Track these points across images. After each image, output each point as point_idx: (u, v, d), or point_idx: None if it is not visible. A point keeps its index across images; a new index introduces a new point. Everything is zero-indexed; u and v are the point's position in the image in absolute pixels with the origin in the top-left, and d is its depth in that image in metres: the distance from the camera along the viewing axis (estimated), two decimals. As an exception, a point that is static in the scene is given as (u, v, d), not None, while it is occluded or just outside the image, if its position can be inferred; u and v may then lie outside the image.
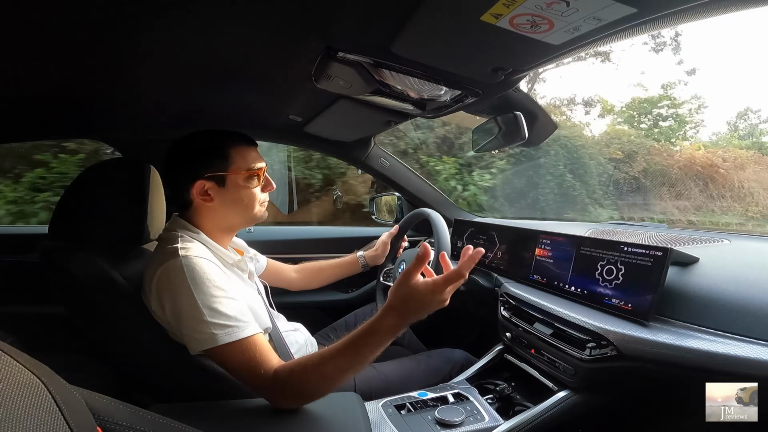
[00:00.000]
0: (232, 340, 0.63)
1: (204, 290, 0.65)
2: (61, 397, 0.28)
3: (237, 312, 0.66)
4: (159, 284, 0.67)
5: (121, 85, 0.82)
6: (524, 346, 0.86)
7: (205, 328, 0.63)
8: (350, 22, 0.56)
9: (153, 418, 0.38)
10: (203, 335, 0.63)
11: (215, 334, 0.63)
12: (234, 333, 0.64)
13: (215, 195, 0.75)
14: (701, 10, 0.45)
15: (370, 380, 0.90)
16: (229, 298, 0.66)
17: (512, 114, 0.90)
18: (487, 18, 0.49)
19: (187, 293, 0.64)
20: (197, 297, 0.64)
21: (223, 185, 0.75)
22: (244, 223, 0.82)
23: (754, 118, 8.36)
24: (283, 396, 0.63)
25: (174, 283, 0.65)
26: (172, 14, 0.54)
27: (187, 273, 0.65)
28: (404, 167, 1.46)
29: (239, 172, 0.76)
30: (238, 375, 0.64)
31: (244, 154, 0.77)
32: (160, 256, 0.70)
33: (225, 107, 1.03)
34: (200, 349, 0.64)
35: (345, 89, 0.78)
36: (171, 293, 0.65)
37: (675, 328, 0.63)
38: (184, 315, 0.64)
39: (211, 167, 0.74)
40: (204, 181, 0.74)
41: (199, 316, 0.63)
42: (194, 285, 0.64)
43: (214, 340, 0.63)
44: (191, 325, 0.64)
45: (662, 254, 0.65)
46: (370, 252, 1.22)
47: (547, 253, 0.89)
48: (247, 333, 0.65)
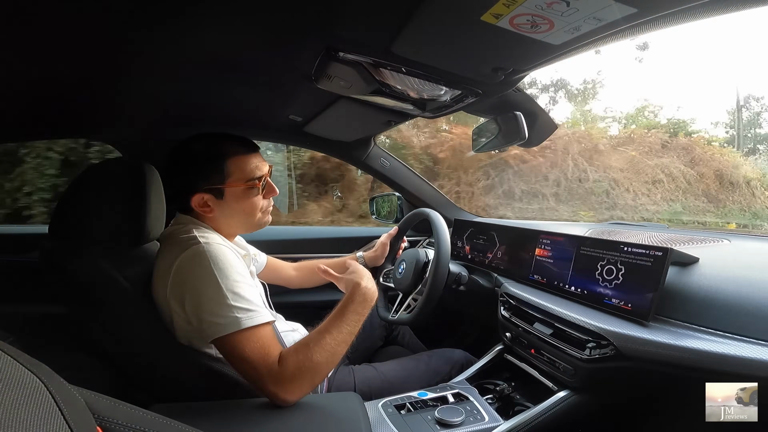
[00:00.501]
0: (254, 324, 0.64)
1: (228, 275, 0.65)
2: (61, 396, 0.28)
3: (256, 298, 0.67)
4: (179, 272, 0.67)
5: (121, 85, 0.82)
6: (524, 346, 0.86)
7: (228, 312, 0.63)
8: (350, 22, 0.56)
9: (153, 418, 0.38)
10: (227, 319, 0.63)
11: (239, 317, 0.63)
12: (256, 318, 0.64)
13: (214, 206, 0.75)
14: (701, 10, 0.45)
15: (370, 380, 0.90)
16: (249, 285, 0.68)
17: (512, 114, 0.90)
18: (488, 18, 0.49)
19: (211, 278, 0.64)
20: (221, 281, 0.64)
21: (221, 197, 0.75)
22: (246, 231, 0.83)
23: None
24: (290, 380, 0.63)
25: (196, 269, 0.66)
26: (172, 14, 0.54)
27: (210, 258, 0.66)
28: (404, 167, 1.46)
29: (237, 184, 0.75)
30: (247, 364, 0.63)
31: (242, 164, 0.75)
32: (176, 247, 0.69)
33: (225, 107, 1.03)
34: (221, 334, 0.63)
35: (345, 89, 0.78)
36: (193, 280, 0.66)
37: (675, 328, 0.63)
38: (207, 300, 0.64)
39: (209, 180, 0.74)
40: (202, 194, 0.74)
41: (222, 300, 0.64)
42: (218, 270, 0.65)
43: (237, 324, 0.63)
44: (214, 310, 0.64)
45: (662, 254, 0.65)
46: (370, 253, 1.22)
47: (547, 253, 0.89)
48: (266, 318, 0.66)
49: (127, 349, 0.75)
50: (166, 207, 0.86)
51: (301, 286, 1.17)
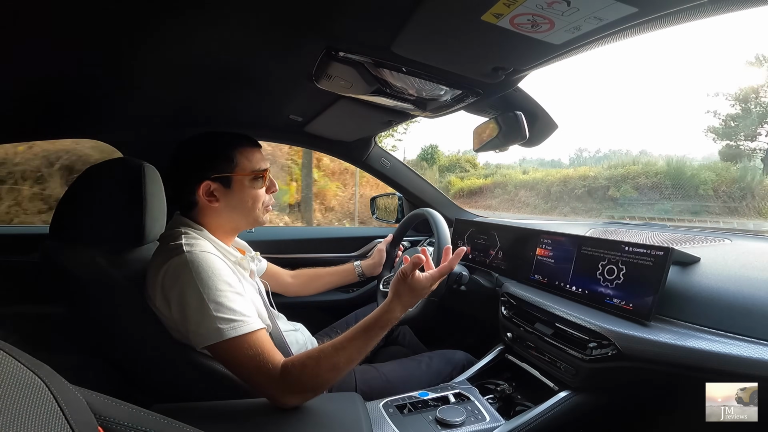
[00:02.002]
0: (237, 334, 0.63)
1: (210, 285, 0.65)
2: (62, 397, 0.28)
3: (242, 307, 0.66)
4: (164, 281, 0.67)
5: (122, 85, 0.82)
6: (525, 346, 0.86)
7: (211, 322, 0.63)
8: (350, 21, 0.56)
9: (154, 418, 0.38)
10: (209, 330, 0.63)
11: (221, 328, 0.63)
12: (240, 327, 0.64)
13: (220, 196, 0.76)
14: (701, 10, 0.45)
15: (371, 381, 0.90)
16: (235, 293, 0.67)
17: (513, 113, 0.90)
18: (488, 18, 0.49)
19: (193, 288, 0.64)
20: (203, 291, 0.64)
21: (228, 186, 0.76)
22: (247, 225, 0.82)
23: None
24: (291, 391, 0.63)
25: (180, 278, 0.65)
26: (172, 14, 0.54)
27: (192, 268, 0.65)
28: (405, 167, 1.46)
29: (244, 173, 0.77)
30: (244, 371, 0.64)
31: (249, 155, 0.78)
32: (164, 254, 0.70)
33: (226, 107, 1.03)
34: (206, 344, 0.64)
35: (345, 89, 0.78)
36: (177, 289, 0.65)
37: (676, 327, 0.62)
38: (190, 310, 0.64)
39: (217, 169, 0.75)
40: (210, 182, 0.75)
41: (205, 310, 0.63)
42: (200, 280, 0.65)
43: (219, 335, 0.63)
44: (197, 320, 0.64)
45: (663, 254, 0.65)
46: (367, 261, 1.23)
47: (548, 252, 0.89)
48: (252, 328, 0.65)
49: (128, 349, 0.75)
50: (166, 207, 0.86)
51: (297, 294, 1.18)
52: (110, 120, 1.11)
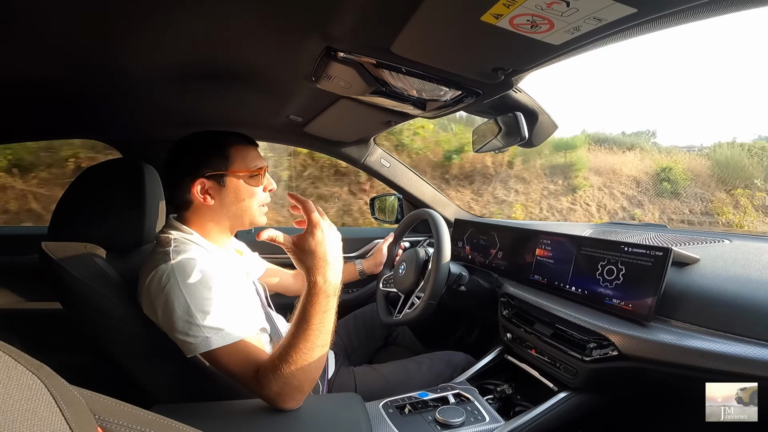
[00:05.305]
0: (226, 343, 0.63)
1: (196, 293, 0.64)
2: (61, 397, 0.28)
3: (231, 314, 0.65)
4: (150, 289, 0.66)
5: (121, 85, 0.82)
6: (525, 346, 0.86)
7: (198, 332, 0.62)
8: (350, 22, 0.56)
9: (154, 418, 0.38)
10: (197, 339, 0.62)
11: (209, 337, 0.62)
12: (228, 336, 0.63)
13: (215, 194, 0.75)
14: (701, 10, 0.45)
15: (371, 382, 0.91)
16: (223, 300, 0.65)
17: (512, 114, 0.90)
18: (487, 18, 0.49)
19: (179, 297, 0.63)
20: (189, 301, 0.63)
21: (223, 185, 0.75)
22: (243, 225, 0.80)
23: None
24: (278, 395, 0.61)
25: (165, 288, 0.64)
26: (172, 14, 0.54)
27: (178, 277, 0.64)
28: (404, 167, 1.46)
29: (239, 171, 0.75)
30: (236, 377, 0.64)
31: (244, 153, 0.77)
32: (151, 261, 0.69)
33: (225, 107, 1.03)
34: (195, 353, 0.63)
35: (345, 89, 0.78)
36: (163, 298, 0.64)
37: (675, 328, 0.62)
38: (177, 319, 0.63)
39: (212, 166, 0.74)
40: (204, 180, 0.73)
41: (191, 319, 0.62)
42: (186, 289, 0.63)
43: (208, 344, 0.62)
44: (185, 330, 0.63)
45: (663, 254, 0.65)
46: (368, 261, 1.24)
47: (548, 253, 0.89)
48: (241, 335, 0.64)
49: (127, 349, 0.75)
50: (166, 208, 0.86)
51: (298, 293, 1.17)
52: (110, 120, 1.11)
